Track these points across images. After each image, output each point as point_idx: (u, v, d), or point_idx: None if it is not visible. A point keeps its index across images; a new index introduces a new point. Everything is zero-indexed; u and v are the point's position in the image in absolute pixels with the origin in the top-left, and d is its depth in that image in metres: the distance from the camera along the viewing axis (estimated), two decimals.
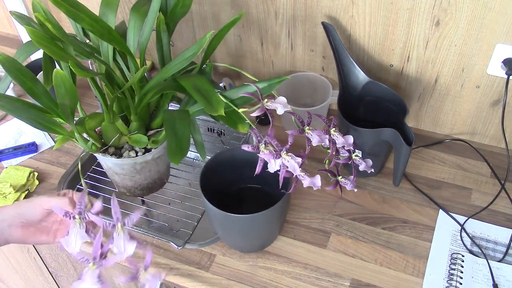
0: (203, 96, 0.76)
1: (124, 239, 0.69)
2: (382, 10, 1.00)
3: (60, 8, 0.72)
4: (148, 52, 1.35)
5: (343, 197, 1.03)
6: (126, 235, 0.69)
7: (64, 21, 1.35)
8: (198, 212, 1.03)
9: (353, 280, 0.89)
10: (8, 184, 1.05)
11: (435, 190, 1.04)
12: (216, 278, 0.91)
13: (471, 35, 0.96)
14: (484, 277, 0.88)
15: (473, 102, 1.07)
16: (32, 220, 0.75)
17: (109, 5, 0.85)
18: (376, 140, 0.96)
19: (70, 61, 0.70)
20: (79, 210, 0.70)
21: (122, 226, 0.69)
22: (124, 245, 0.68)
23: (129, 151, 0.89)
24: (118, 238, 0.68)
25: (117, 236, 0.69)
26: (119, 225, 0.69)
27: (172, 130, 0.73)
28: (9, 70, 0.76)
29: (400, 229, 0.97)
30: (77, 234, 0.68)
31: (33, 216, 0.75)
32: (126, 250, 0.68)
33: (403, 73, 1.09)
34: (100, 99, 0.86)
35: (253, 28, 1.16)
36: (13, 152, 1.16)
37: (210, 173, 0.91)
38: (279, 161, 0.74)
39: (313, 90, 1.19)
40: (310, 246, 0.95)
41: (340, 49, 1.01)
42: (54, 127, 0.80)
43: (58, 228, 0.78)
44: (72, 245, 0.68)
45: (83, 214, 0.70)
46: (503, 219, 0.98)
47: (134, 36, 0.85)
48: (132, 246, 0.69)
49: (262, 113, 0.76)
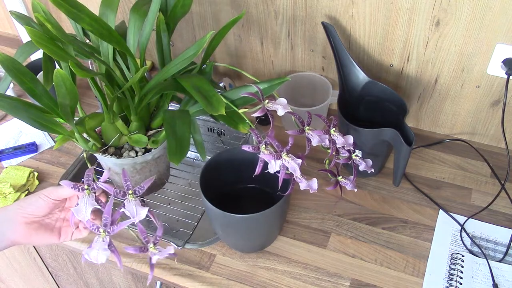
0: (203, 96, 0.76)
1: (136, 205, 0.68)
2: (382, 10, 1.00)
3: (60, 8, 0.72)
4: (148, 52, 1.35)
5: (343, 197, 1.03)
6: (137, 201, 0.69)
7: (64, 21, 1.35)
8: (198, 212, 1.03)
9: (353, 280, 0.89)
10: (8, 184, 1.05)
11: (435, 190, 1.04)
12: (216, 278, 0.91)
13: (471, 35, 0.97)
14: (484, 277, 0.88)
15: (473, 102, 1.07)
16: (36, 214, 0.74)
17: (109, 5, 0.85)
18: (376, 140, 0.96)
19: (70, 61, 0.70)
20: (87, 182, 0.70)
21: (133, 194, 0.69)
22: (136, 209, 0.68)
23: (129, 151, 0.89)
24: (130, 204, 0.68)
25: (128, 203, 0.68)
26: (129, 193, 0.69)
27: (172, 130, 0.73)
28: (9, 70, 0.76)
29: (400, 229, 0.97)
30: (87, 202, 0.68)
31: (37, 209, 0.74)
32: (138, 214, 0.68)
33: (403, 73, 1.09)
34: (100, 99, 0.86)
35: (253, 28, 1.16)
36: (13, 152, 1.16)
37: (210, 173, 0.91)
38: (280, 162, 0.74)
39: (313, 90, 1.19)
40: (310, 246, 0.95)
41: (340, 49, 1.01)
42: (54, 127, 0.79)
43: (62, 226, 0.78)
44: (82, 212, 0.68)
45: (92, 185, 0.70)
46: (503, 219, 0.98)
47: (134, 36, 0.85)
48: (144, 211, 0.68)
49: (262, 113, 0.76)
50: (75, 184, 0.69)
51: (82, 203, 0.69)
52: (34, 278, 1.36)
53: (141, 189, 0.69)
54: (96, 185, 0.71)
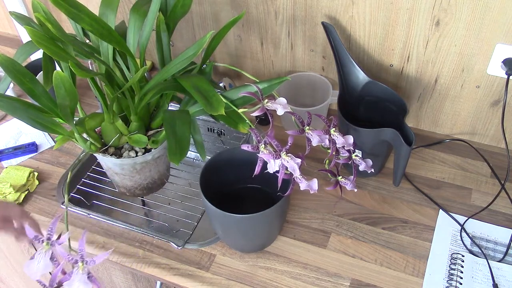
0: (203, 96, 0.76)
1: (80, 280, 0.68)
2: (382, 10, 1.00)
3: (60, 8, 0.72)
4: (148, 52, 1.35)
5: (343, 197, 1.03)
6: (84, 275, 0.68)
7: (64, 21, 1.35)
8: (198, 212, 1.03)
9: (353, 280, 0.89)
10: (8, 184, 1.05)
11: (435, 190, 1.04)
12: (216, 278, 0.91)
13: (471, 35, 0.96)
14: (484, 277, 0.88)
15: (473, 102, 1.07)
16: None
17: (109, 5, 0.85)
18: (376, 140, 0.96)
19: (70, 61, 0.70)
20: (48, 236, 0.69)
21: (84, 265, 0.69)
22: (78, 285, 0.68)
23: (129, 151, 0.89)
24: (76, 276, 0.68)
25: (75, 274, 0.68)
26: (80, 264, 0.69)
27: (172, 130, 0.73)
28: (8, 71, 0.76)
29: (400, 229, 0.97)
30: (41, 261, 0.68)
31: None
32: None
33: (403, 73, 1.09)
34: (100, 99, 0.86)
35: (253, 28, 1.16)
36: (13, 152, 1.16)
37: (210, 173, 0.91)
38: (279, 161, 0.74)
39: (313, 90, 1.19)
40: (310, 246, 0.95)
41: (340, 49, 1.01)
42: (54, 127, 0.80)
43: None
44: (33, 271, 0.68)
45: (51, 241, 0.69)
46: (503, 219, 0.98)
47: (134, 36, 0.85)
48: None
49: (262, 113, 0.76)
50: (36, 235, 0.69)
51: (36, 260, 0.68)
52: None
53: (92, 262, 0.69)
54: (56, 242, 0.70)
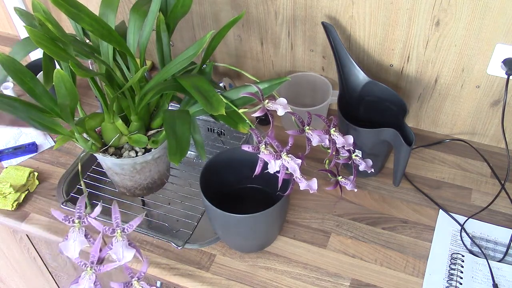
0: (203, 96, 0.76)
1: (123, 246, 0.68)
2: (382, 10, 1.00)
3: (60, 8, 0.72)
4: (148, 52, 1.35)
5: (343, 197, 1.03)
6: (125, 241, 0.69)
7: (64, 21, 1.35)
8: (198, 212, 1.03)
9: (353, 280, 0.89)
10: (8, 184, 1.05)
11: (435, 190, 1.04)
12: (216, 278, 0.91)
13: (471, 35, 0.97)
14: (484, 277, 0.88)
15: (473, 102, 1.07)
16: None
17: (109, 5, 0.85)
18: (376, 140, 0.96)
19: (70, 61, 0.70)
20: (78, 214, 0.69)
21: (121, 233, 0.69)
22: (122, 251, 0.68)
23: (129, 151, 0.89)
24: (117, 244, 0.68)
25: (116, 242, 0.68)
26: (118, 231, 0.69)
27: (172, 130, 0.73)
28: (9, 70, 0.76)
29: (400, 229, 0.97)
30: (76, 239, 0.68)
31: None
32: (124, 257, 0.68)
33: (403, 73, 1.09)
34: (100, 99, 0.86)
35: (253, 28, 1.16)
36: (13, 152, 1.16)
37: (210, 173, 0.91)
38: (279, 162, 0.74)
39: (313, 90, 1.19)
40: (310, 246, 0.95)
41: (340, 49, 1.01)
42: (54, 127, 0.80)
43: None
44: (71, 249, 0.68)
45: (82, 218, 0.69)
46: (503, 219, 0.98)
47: (134, 36, 0.85)
48: (131, 253, 0.69)
49: (262, 113, 0.76)
50: (66, 216, 0.69)
51: (71, 239, 0.68)
52: (34, 278, 1.36)
53: (129, 227, 0.69)
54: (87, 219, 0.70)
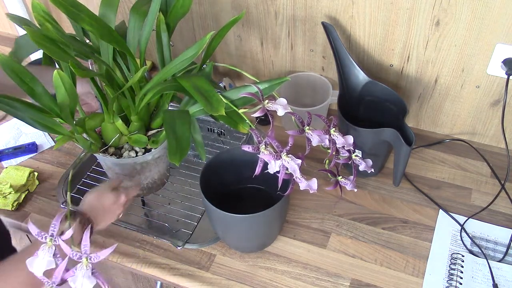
0: (203, 96, 0.76)
1: (85, 275, 0.68)
2: (382, 10, 1.00)
3: (60, 8, 0.72)
4: (148, 52, 1.35)
5: (343, 197, 1.03)
6: (88, 270, 0.69)
7: (64, 21, 1.35)
8: (198, 212, 1.03)
9: (353, 280, 0.89)
10: (8, 184, 1.05)
11: (435, 190, 1.04)
12: (216, 278, 0.91)
13: (471, 35, 0.96)
14: (484, 277, 0.88)
15: (473, 102, 1.07)
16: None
17: (109, 5, 0.85)
18: (376, 140, 0.96)
19: (70, 61, 0.70)
20: (51, 233, 0.69)
21: (88, 261, 0.69)
22: (82, 281, 0.68)
23: (129, 151, 0.89)
24: (79, 273, 0.68)
25: (79, 270, 0.68)
26: (84, 259, 0.69)
27: (172, 130, 0.73)
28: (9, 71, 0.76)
29: (400, 229, 0.97)
30: (44, 257, 0.68)
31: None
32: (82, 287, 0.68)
33: (403, 73, 1.09)
34: (100, 99, 0.86)
35: (253, 28, 1.16)
36: (13, 152, 1.16)
37: (210, 173, 0.91)
38: (279, 162, 0.74)
39: (313, 90, 1.19)
40: (310, 246, 0.95)
41: (340, 49, 1.01)
42: (54, 127, 0.79)
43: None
44: (36, 267, 0.68)
45: (55, 237, 0.69)
46: (503, 219, 0.98)
47: (134, 36, 0.85)
48: (91, 283, 0.69)
49: (262, 114, 0.76)
50: (39, 232, 0.69)
51: (40, 256, 0.68)
52: None
53: (96, 257, 0.69)
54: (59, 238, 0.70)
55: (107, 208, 0.84)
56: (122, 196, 0.86)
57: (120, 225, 0.99)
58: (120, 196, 0.85)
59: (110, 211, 0.84)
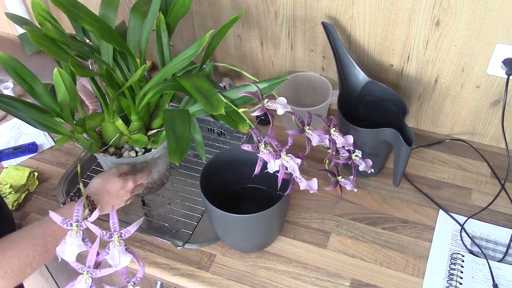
0: (203, 96, 0.76)
1: (120, 251, 0.68)
2: (382, 10, 1.00)
3: (60, 8, 0.72)
4: (148, 52, 1.35)
5: (343, 197, 1.03)
6: (122, 247, 0.68)
7: (64, 21, 1.35)
8: (198, 212, 1.03)
9: (353, 280, 0.89)
10: (8, 184, 1.05)
11: (435, 190, 1.04)
12: (216, 278, 0.91)
13: (471, 35, 0.96)
14: (484, 277, 0.88)
15: (473, 102, 1.07)
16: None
17: (109, 5, 0.85)
18: (376, 140, 0.96)
19: (70, 61, 0.70)
20: (76, 218, 0.69)
21: (119, 238, 0.69)
22: (119, 257, 0.68)
23: (129, 151, 0.89)
24: (114, 250, 0.68)
25: (113, 247, 0.68)
26: (115, 236, 0.69)
27: (172, 130, 0.73)
28: (9, 70, 0.76)
29: (400, 229, 0.97)
30: (73, 243, 0.68)
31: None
32: (120, 263, 0.68)
33: (403, 73, 1.09)
34: (100, 99, 0.86)
35: (253, 28, 1.16)
36: (13, 152, 1.16)
37: (210, 173, 0.91)
38: (279, 161, 0.74)
39: (313, 90, 1.19)
40: (310, 246, 0.95)
41: (340, 49, 1.01)
42: (54, 127, 0.79)
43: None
44: (68, 253, 0.67)
45: (80, 222, 0.69)
46: (503, 219, 0.98)
47: (134, 36, 0.85)
48: (128, 259, 0.68)
49: (262, 113, 0.76)
50: (64, 219, 0.68)
51: (68, 243, 0.68)
52: (34, 278, 1.36)
53: (127, 232, 0.69)
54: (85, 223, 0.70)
55: (113, 193, 0.83)
56: (130, 182, 0.85)
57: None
58: (127, 182, 0.85)
59: (116, 196, 0.84)
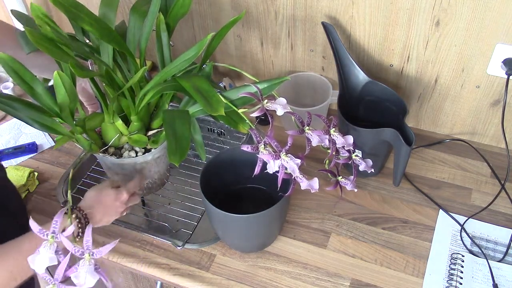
0: (203, 96, 0.76)
1: (88, 271, 0.68)
2: (382, 10, 1.00)
3: (60, 9, 0.72)
4: (148, 52, 1.35)
5: (343, 197, 1.03)
6: (91, 266, 0.68)
7: (64, 21, 1.35)
8: (198, 212, 1.03)
9: (353, 280, 0.89)
10: None
11: (435, 190, 1.04)
12: (216, 278, 0.91)
13: (471, 35, 0.96)
14: (484, 277, 0.88)
15: (473, 102, 1.07)
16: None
17: (109, 5, 0.85)
18: (376, 140, 0.96)
19: (70, 61, 0.70)
20: (53, 229, 0.69)
21: (90, 256, 0.68)
22: (85, 277, 0.68)
23: (129, 151, 0.89)
24: (82, 268, 0.68)
25: (82, 266, 0.68)
26: (87, 255, 0.68)
27: (172, 130, 0.73)
28: (9, 70, 0.76)
29: (400, 229, 0.97)
30: (45, 254, 0.67)
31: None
32: (86, 283, 0.68)
33: (403, 73, 1.09)
34: (100, 99, 0.86)
35: (253, 28, 1.16)
36: (13, 152, 1.16)
37: (210, 173, 0.91)
38: (278, 162, 0.74)
39: (313, 90, 1.19)
40: (310, 246, 0.95)
41: (340, 49, 1.01)
42: (54, 127, 0.79)
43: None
44: (37, 264, 0.67)
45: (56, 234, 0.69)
46: (503, 219, 0.98)
47: (134, 36, 0.85)
48: (94, 279, 0.68)
49: (262, 113, 0.76)
50: (41, 229, 0.68)
51: (41, 253, 0.68)
52: None
53: (98, 253, 0.69)
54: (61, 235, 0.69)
55: (107, 205, 0.83)
56: (124, 193, 0.85)
57: (120, 225, 0.99)
58: (121, 193, 0.85)
59: (111, 207, 0.84)
